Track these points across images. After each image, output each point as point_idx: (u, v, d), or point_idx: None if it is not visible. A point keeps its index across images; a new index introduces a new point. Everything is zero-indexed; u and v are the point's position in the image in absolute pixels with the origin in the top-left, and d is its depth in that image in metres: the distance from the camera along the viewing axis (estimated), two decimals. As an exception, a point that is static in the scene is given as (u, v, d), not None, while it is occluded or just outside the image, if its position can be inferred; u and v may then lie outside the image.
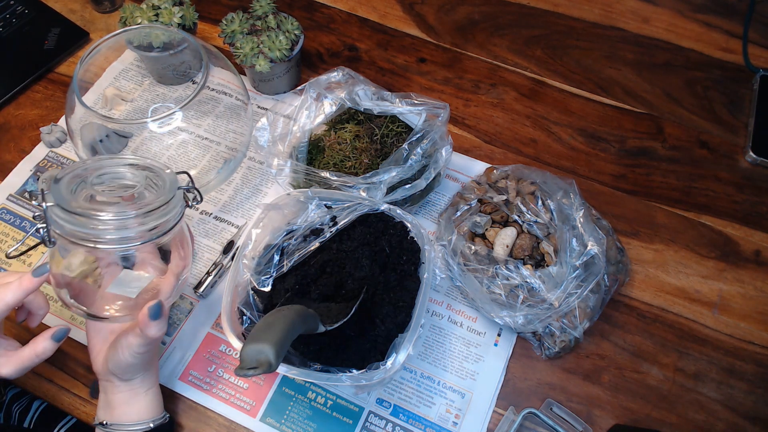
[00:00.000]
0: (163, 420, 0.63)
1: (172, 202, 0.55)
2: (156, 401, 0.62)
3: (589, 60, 0.96)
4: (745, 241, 0.80)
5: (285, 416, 0.68)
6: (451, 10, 1.01)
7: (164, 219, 0.54)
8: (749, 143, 0.86)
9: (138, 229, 0.52)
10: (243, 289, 0.66)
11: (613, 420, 0.68)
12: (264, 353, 0.48)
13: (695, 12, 1.00)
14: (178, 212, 0.56)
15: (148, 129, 0.78)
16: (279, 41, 0.81)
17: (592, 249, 0.68)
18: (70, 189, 0.53)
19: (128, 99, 0.88)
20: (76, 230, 0.50)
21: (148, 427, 0.61)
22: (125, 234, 0.51)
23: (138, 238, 0.52)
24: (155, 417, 0.62)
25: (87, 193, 0.54)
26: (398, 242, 0.68)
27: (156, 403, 0.62)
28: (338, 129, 0.79)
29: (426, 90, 0.92)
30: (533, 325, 0.67)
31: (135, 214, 0.51)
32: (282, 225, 0.71)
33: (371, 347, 0.64)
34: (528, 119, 0.90)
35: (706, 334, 0.73)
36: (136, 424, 0.60)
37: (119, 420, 0.60)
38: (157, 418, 0.62)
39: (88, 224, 0.50)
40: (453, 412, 0.68)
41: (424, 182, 0.72)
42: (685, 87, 0.93)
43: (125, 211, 0.51)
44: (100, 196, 0.54)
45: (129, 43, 0.80)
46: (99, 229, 0.50)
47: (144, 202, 0.53)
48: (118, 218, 0.51)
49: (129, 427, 0.60)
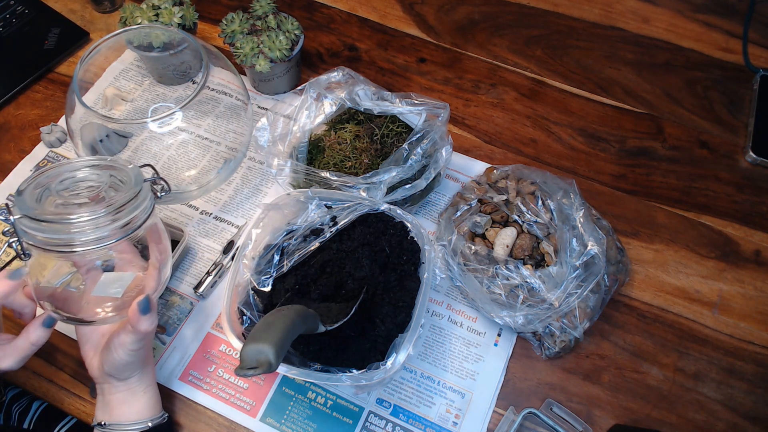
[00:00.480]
0: (161, 419, 0.63)
1: (140, 195, 0.55)
2: (154, 400, 0.62)
3: (589, 60, 0.96)
4: (745, 241, 0.80)
5: (285, 416, 0.68)
6: (451, 10, 1.01)
7: (135, 213, 0.54)
8: (749, 143, 0.86)
9: (110, 227, 0.52)
10: (243, 289, 0.66)
11: (613, 420, 0.68)
12: (264, 353, 0.49)
13: (695, 12, 1.00)
14: (148, 205, 0.56)
15: (148, 129, 0.78)
16: (279, 41, 0.81)
17: (592, 249, 0.68)
18: (35, 198, 0.52)
19: (128, 99, 0.88)
20: (48, 238, 0.50)
21: (146, 426, 0.61)
22: (99, 234, 0.51)
23: (112, 236, 0.52)
24: (153, 416, 0.62)
25: (53, 200, 0.54)
26: (398, 242, 0.68)
27: (154, 403, 0.62)
28: (338, 129, 0.79)
29: (426, 90, 0.92)
30: (533, 325, 0.67)
31: (105, 212, 0.51)
32: (282, 225, 0.71)
33: (371, 347, 0.64)
34: (528, 119, 0.90)
35: (706, 334, 0.73)
36: (134, 423, 0.60)
37: (118, 420, 0.60)
38: (156, 417, 0.62)
39: (60, 230, 0.50)
40: (453, 412, 0.68)
41: (424, 182, 0.72)
42: (685, 87, 0.93)
43: (95, 210, 0.51)
44: (67, 200, 0.54)
45: (129, 43, 0.80)
46: (72, 233, 0.50)
47: (112, 199, 0.53)
48: (89, 218, 0.50)
49: (127, 427, 0.60)
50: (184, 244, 0.74)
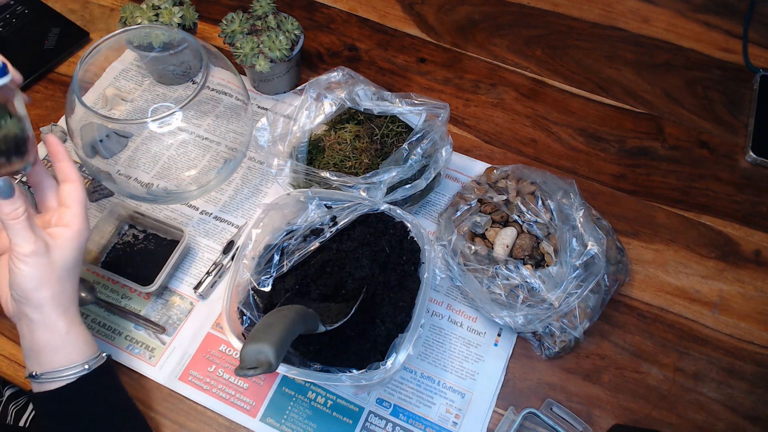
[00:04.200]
0: (98, 360, 0.58)
1: None
2: (83, 341, 0.58)
3: (589, 60, 0.96)
4: (745, 241, 0.80)
5: (285, 416, 0.68)
6: (451, 10, 1.01)
7: None
8: (749, 143, 0.86)
9: None
10: (243, 289, 0.66)
11: (613, 420, 0.68)
12: (264, 353, 0.49)
13: (695, 12, 1.00)
14: None
15: (148, 129, 0.78)
16: (279, 41, 0.81)
17: (592, 249, 0.68)
18: None
19: (128, 99, 0.88)
20: None
21: (83, 369, 0.56)
22: None
23: None
24: (89, 358, 0.57)
25: None
26: (398, 242, 0.68)
27: (83, 343, 0.58)
28: (338, 129, 0.79)
29: (426, 90, 0.92)
30: (533, 325, 0.67)
31: None
32: (282, 225, 0.71)
33: (371, 347, 0.64)
34: (528, 119, 0.90)
35: (706, 334, 0.73)
36: (67, 368, 0.56)
37: (50, 367, 0.56)
38: (92, 358, 0.58)
39: None
40: (453, 412, 0.68)
41: (424, 182, 0.72)
42: (685, 87, 0.93)
43: None
44: None
45: (129, 43, 0.80)
46: None
47: None
48: None
49: (61, 374, 0.56)
50: (184, 244, 0.74)
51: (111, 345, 0.72)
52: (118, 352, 0.71)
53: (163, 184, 0.81)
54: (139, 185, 0.81)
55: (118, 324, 0.73)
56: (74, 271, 0.58)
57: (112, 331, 0.73)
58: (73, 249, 0.57)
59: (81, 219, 0.58)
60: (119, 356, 0.71)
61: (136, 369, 0.70)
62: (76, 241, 0.57)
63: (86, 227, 0.58)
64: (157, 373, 0.70)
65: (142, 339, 0.72)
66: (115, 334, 0.72)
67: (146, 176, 0.81)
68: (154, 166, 0.82)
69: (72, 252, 0.57)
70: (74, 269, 0.58)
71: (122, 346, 0.72)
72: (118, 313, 0.73)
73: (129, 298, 0.74)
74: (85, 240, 0.58)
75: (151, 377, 0.70)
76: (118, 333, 0.72)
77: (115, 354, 0.71)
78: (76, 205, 0.58)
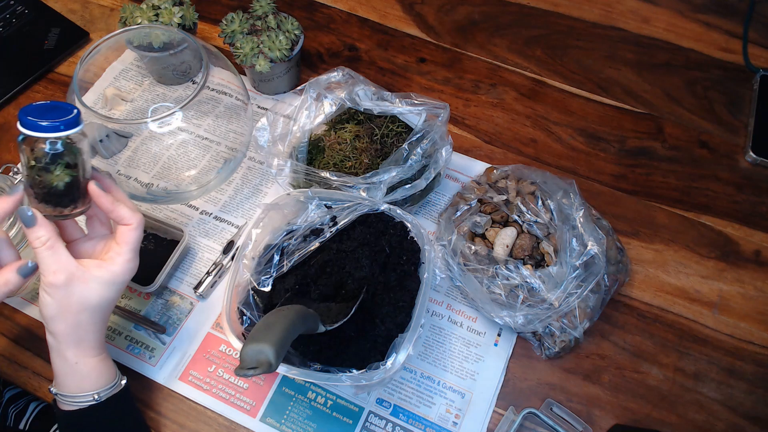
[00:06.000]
0: (113, 389, 0.59)
1: None
2: (96, 373, 0.58)
3: (589, 60, 0.96)
4: (745, 241, 0.80)
5: (285, 416, 0.68)
6: (451, 10, 1.01)
7: None
8: (749, 143, 0.86)
9: None
10: (243, 289, 0.66)
11: (613, 420, 0.68)
12: (264, 353, 0.49)
13: (695, 12, 1.00)
14: None
15: (148, 129, 0.78)
16: (279, 41, 0.81)
17: (592, 249, 0.68)
18: None
19: (128, 99, 0.88)
20: None
21: (92, 399, 0.57)
22: None
23: None
24: (101, 389, 0.58)
25: None
26: (398, 242, 0.68)
27: (96, 375, 0.58)
28: (338, 129, 0.79)
29: (426, 90, 0.92)
30: (533, 325, 0.67)
31: None
32: (282, 225, 0.71)
33: (371, 347, 0.64)
34: (528, 119, 0.90)
35: (706, 334, 0.73)
36: (78, 396, 0.57)
37: (64, 390, 0.57)
38: (104, 389, 0.58)
39: None
40: (453, 412, 0.68)
41: (424, 182, 0.72)
42: (685, 87, 0.93)
43: None
44: None
45: (129, 43, 0.80)
46: None
47: None
48: None
49: (73, 399, 0.57)
50: (184, 244, 0.74)
51: (111, 345, 0.72)
52: (118, 352, 0.71)
53: (163, 184, 0.81)
54: (139, 185, 0.81)
55: (118, 324, 0.73)
56: (99, 308, 0.56)
57: (112, 331, 0.73)
58: (100, 285, 0.55)
59: (123, 260, 0.56)
60: (119, 356, 0.71)
61: (136, 369, 0.70)
62: (108, 279, 0.56)
63: (126, 270, 0.57)
64: (157, 373, 0.70)
65: (142, 339, 0.72)
66: (115, 334, 0.72)
67: (146, 176, 0.81)
68: (154, 166, 0.82)
69: (98, 288, 0.55)
70: (98, 307, 0.56)
71: (122, 346, 0.72)
72: (118, 313, 0.73)
73: (129, 298, 0.74)
74: (123, 282, 0.57)
75: (151, 377, 0.70)
76: (118, 333, 0.72)
77: (115, 354, 0.71)
78: (125, 246, 0.57)
